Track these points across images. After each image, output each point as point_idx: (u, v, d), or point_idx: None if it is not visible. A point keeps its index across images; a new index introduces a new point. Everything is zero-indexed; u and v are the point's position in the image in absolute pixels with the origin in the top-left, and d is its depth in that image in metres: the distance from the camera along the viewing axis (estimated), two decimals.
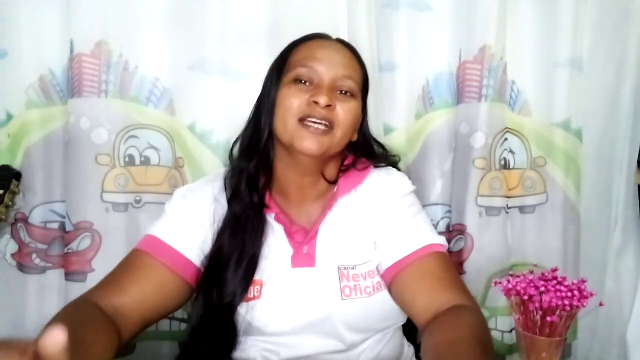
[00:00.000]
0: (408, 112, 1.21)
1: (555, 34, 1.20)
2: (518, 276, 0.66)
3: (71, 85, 1.04)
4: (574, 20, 1.20)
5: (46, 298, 1.08)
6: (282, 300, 0.80)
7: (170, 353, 1.12)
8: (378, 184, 0.89)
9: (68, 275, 1.05)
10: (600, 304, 0.71)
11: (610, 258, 1.24)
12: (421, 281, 0.79)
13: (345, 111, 0.82)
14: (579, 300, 0.62)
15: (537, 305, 0.62)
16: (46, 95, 1.07)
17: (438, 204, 1.24)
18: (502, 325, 1.22)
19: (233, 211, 0.84)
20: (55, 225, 1.09)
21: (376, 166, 0.92)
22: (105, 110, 1.05)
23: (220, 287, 0.79)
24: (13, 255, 1.07)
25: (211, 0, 1.10)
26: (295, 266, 0.83)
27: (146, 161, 1.10)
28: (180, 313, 1.09)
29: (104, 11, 1.04)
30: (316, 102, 0.79)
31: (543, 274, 0.67)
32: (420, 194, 0.99)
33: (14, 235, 1.07)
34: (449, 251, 1.13)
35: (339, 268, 0.82)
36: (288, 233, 0.84)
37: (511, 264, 1.23)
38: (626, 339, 1.03)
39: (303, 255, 0.83)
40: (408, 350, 0.92)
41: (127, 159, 1.08)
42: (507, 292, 0.65)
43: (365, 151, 0.92)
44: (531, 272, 0.68)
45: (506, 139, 1.22)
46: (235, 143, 0.91)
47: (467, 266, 1.20)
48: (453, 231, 1.23)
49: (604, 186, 1.25)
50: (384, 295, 0.82)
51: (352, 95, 0.84)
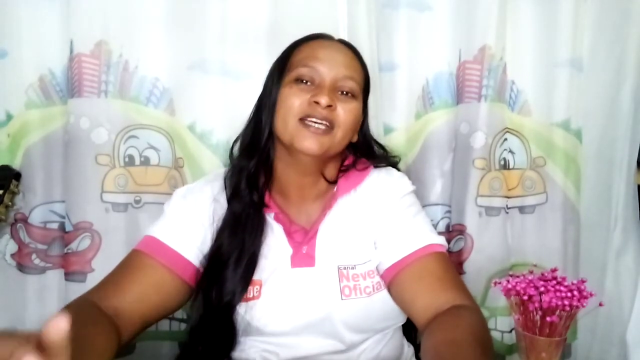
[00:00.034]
0: (408, 112, 1.21)
1: (555, 34, 1.20)
2: (518, 276, 0.66)
3: (71, 85, 1.04)
4: (574, 20, 1.20)
5: (46, 298, 1.08)
6: (282, 300, 0.80)
7: (170, 353, 1.12)
8: (378, 184, 0.89)
9: (68, 275, 1.05)
10: (600, 304, 0.71)
11: (610, 258, 1.24)
12: (421, 281, 0.79)
13: (346, 112, 0.82)
14: (579, 300, 0.62)
15: (537, 305, 0.62)
16: (46, 95, 1.07)
17: (438, 204, 1.24)
18: (502, 325, 1.22)
19: (233, 210, 0.84)
20: (55, 225, 1.09)
21: (376, 166, 0.91)
22: (105, 110, 1.05)
23: (219, 286, 0.79)
24: (13, 255, 1.07)
25: (211, 0, 1.09)
26: (294, 266, 0.82)
27: (146, 161, 1.09)
28: (180, 313, 1.09)
29: (104, 11, 1.04)
30: (317, 102, 0.79)
31: (543, 274, 0.67)
32: (420, 194, 0.99)
33: (14, 235, 1.07)
34: (449, 251, 1.13)
35: (339, 268, 0.82)
36: (288, 233, 0.84)
37: (511, 264, 1.23)
38: (626, 339, 1.03)
39: (303, 255, 0.83)
40: (408, 350, 0.92)
41: (127, 159, 1.08)
42: (507, 293, 0.65)
43: (365, 152, 0.92)
44: (531, 273, 0.68)
45: (506, 139, 1.22)
46: (235, 142, 0.91)
47: (467, 266, 1.20)
48: (453, 231, 1.23)
49: (604, 186, 1.25)
50: (384, 295, 0.82)
51: (353, 96, 0.84)
